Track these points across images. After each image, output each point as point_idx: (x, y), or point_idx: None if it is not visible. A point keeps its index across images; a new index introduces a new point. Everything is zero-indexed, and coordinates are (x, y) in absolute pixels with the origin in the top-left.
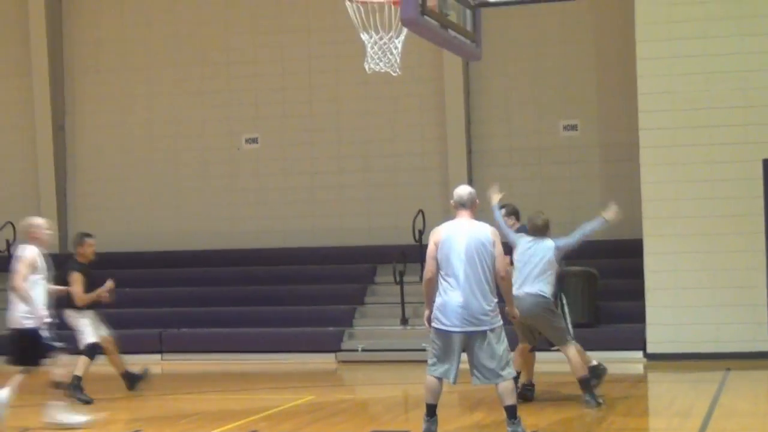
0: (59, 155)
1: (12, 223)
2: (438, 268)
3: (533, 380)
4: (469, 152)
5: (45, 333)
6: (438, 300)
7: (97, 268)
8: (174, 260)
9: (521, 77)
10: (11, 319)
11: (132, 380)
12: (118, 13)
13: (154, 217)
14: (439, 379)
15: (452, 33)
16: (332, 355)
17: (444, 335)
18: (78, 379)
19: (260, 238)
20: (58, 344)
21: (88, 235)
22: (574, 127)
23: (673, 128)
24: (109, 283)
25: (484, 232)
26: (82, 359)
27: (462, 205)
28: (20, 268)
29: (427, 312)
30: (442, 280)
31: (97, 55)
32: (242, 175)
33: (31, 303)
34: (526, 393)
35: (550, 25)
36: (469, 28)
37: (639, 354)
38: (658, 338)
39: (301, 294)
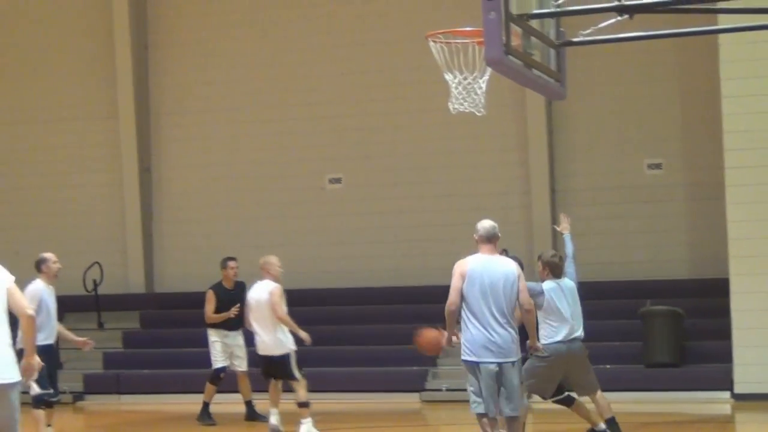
0: (145, 196)
1: (99, 264)
2: (461, 301)
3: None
4: (553, 191)
5: None
6: (467, 335)
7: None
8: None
9: (605, 116)
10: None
11: (252, 414)
12: (202, 56)
13: (238, 257)
14: (485, 415)
15: (536, 72)
16: (416, 394)
17: (478, 369)
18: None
19: (343, 277)
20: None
21: (231, 259)
22: (658, 166)
23: (759, 167)
24: (234, 309)
25: (510, 266)
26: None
27: (487, 239)
28: (276, 300)
29: (447, 334)
30: (469, 314)
31: (181, 98)
32: (326, 215)
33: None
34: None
35: (634, 64)
36: (553, 67)
37: (726, 394)
38: (745, 378)
39: (385, 333)
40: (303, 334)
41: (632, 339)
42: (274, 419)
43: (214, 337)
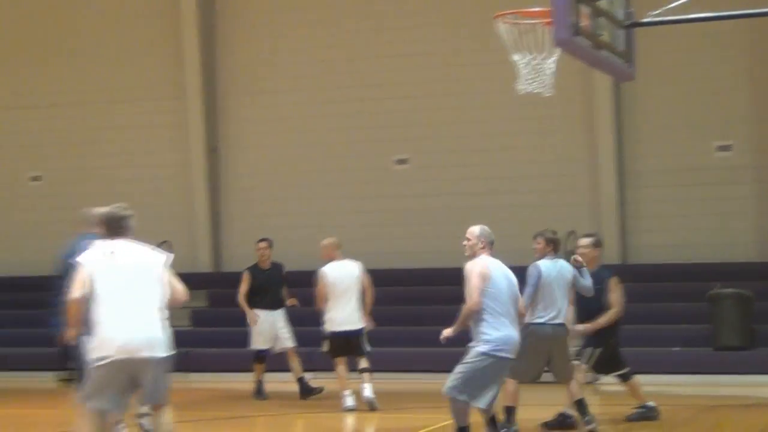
0: (212, 176)
1: (168, 243)
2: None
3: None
4: (621, 173)
5: None
6: (496, 333)
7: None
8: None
9: (674, 97)
10: None
11: (306, 389)
12: (270, 36)
13: (304, 237)
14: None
15: (605, 53)
16: None
17: (504, 364)
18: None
19: (411, 258)
20: None
21: (260, 240)
22: (727, 148)
23: None
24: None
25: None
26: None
27: (491, 243)
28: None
29: (450, 330)
30: (497, 313)
31: (249, 78)
32: (391, 195)
33: None
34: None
35: (703, 45)
36: (621, 47)
37: None
38: None
39: (451, 313)
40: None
41: (700, 322)
42: (351, 400)
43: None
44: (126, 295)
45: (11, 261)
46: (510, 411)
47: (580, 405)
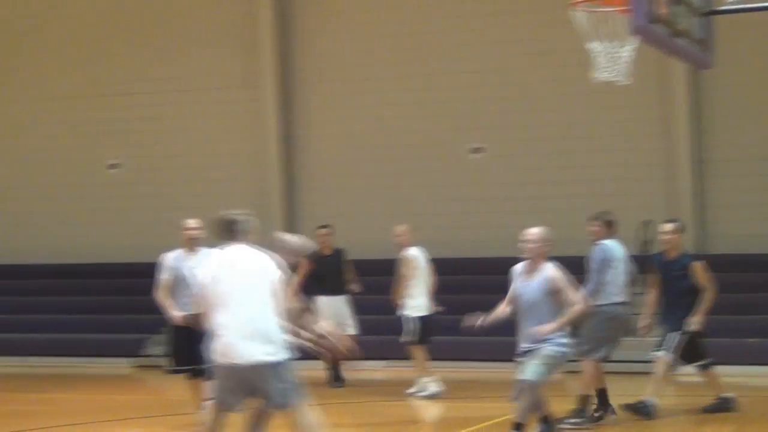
0: (287, 165)
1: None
2: None
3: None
4: (700, 162)
5: None
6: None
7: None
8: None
9: (753, 85)
10: None
11: (337, 378)
12: (344, 25)
13: (378, 226)
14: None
15: (682, 41)
16: None
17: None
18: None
19: (484, 246)
20: None
21: (320, 227)
22: None
23: None
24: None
25: None
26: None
27: None
28: None
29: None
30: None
31: (324, 66)
32: (467, 184)
33: None
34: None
35: None
36: (699, 35)
37: None
38: None
39: None
40: None
41: None
42: (435, 386)
43: (318, 303)
44: (242, 301)
45: (89, 248)
46: (603, 393)
47: (603, 393)
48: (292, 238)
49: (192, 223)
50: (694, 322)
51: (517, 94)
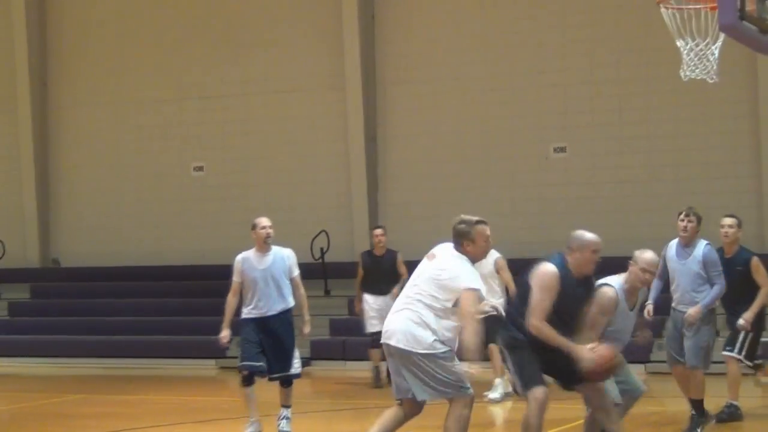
0: (371, 166)
1: (326, 232)
2: None
3: None
4: None
5: None
6: None
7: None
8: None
9: None
10: None
11: (378, 381)
12: (427, 26)
13: None
14: None
15: None
16: (641, 366)
17: None
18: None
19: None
20: None
21: (375, 227)
22: None
23: None
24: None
25: None
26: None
27: None
28: None
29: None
30: None
31: (407, 67)
32: (549, 184)
33: None
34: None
35: None
36: None
37: None
38: None
39: None
40: None
41: None
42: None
43: (366, 302)
44: None
45: (175, 250)
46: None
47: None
48: None
49: (265, 221)
50: (746, 319)
51: (601, 92)
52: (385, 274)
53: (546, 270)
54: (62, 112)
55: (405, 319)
